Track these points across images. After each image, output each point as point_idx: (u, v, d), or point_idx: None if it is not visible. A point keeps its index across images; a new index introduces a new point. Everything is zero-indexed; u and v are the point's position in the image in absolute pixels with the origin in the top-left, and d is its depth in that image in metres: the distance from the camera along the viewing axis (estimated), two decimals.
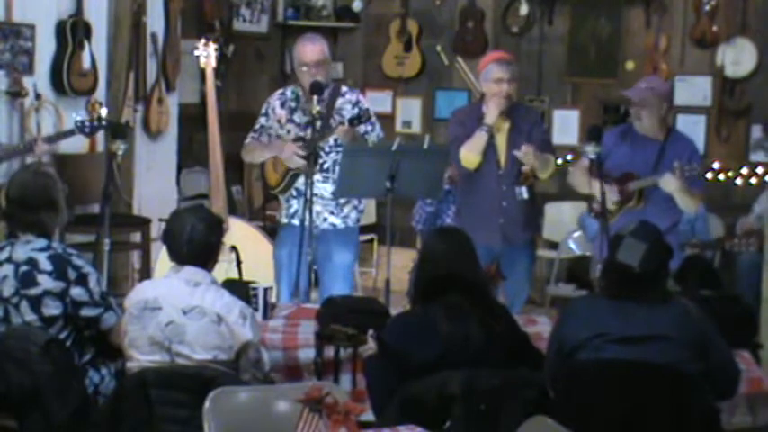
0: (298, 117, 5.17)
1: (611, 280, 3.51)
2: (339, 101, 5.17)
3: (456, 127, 5.28)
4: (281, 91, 5.32)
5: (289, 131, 5.16)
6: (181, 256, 3.66)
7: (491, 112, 5.07)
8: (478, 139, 5.07)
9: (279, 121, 5.20)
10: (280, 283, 5.23)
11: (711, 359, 3.40)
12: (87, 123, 5.15)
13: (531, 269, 5.57)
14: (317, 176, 5.01)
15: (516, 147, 5.13)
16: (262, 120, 5.26)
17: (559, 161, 7.09)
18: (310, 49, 5.09)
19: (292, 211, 5.22)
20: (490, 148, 5.16)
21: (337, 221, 5.20)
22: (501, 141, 5.20)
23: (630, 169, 5.02)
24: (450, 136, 5.35)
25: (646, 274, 3.41)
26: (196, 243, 3.64)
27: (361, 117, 4.95)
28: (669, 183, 4.85)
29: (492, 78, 5.14)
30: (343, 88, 5.27)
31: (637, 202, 5.01)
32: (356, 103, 5.18)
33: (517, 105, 5.42)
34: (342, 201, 5.17)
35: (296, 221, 5.14)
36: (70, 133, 5.29)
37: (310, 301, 4.90)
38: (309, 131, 4.93)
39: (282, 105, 5.21)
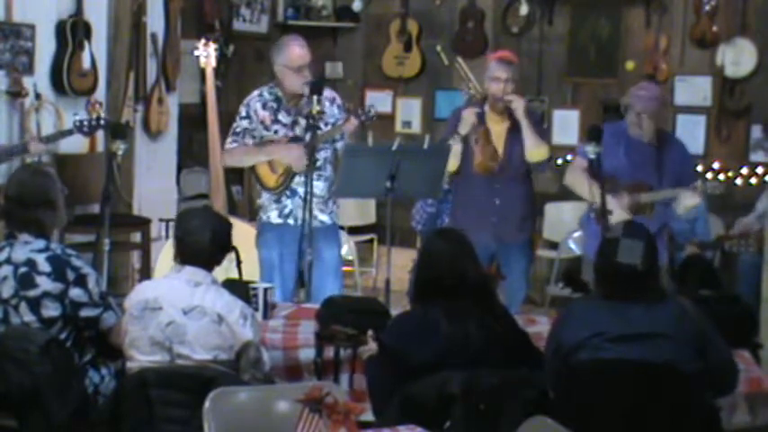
0: (283, 117, 5.16)
1: (613, 282, 3.49)
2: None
3: (453, 124, 5.30)
4: (257, 92, 5.23)
5: (276, 132, 5.15)
6: (198, 256, 3.65)
7: (465, 122, 5.14)
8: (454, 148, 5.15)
9: (263, 123, 5.17)
10: None
11: (710, 356, 3.40)
12: (86, 123, 5.16)
13: (529, 269, 5.57)
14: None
15: (514, 147, 5.17)
16: (244, 123, 5.18)
17: (559, 161, 7.09)
18: (299, 54, 5.08)
19: (287, 210, 5.20)
20: (485, 146, 5.18)
21: (325, 218, 5.20)
22: (498, 140, 5.22)
23: (631, 175, 4.98)
24: (445, 133, 5.37)
25: (648, 270, 3.43)
26: (219, 243, 3.69)
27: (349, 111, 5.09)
28: (692, 199, 4.88)
29: (490, 76, 5.21)
30: None
31: (650, 212, 5.00)
32: (333, 100, 5.22)
33: None
34: (327, 198, 5.18)
35: (291, 221, 5.16)
36: (68, 133, 5.31)
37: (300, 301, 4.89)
38: (299, 130, 5.04)
39: (264, 107, 5.17)
